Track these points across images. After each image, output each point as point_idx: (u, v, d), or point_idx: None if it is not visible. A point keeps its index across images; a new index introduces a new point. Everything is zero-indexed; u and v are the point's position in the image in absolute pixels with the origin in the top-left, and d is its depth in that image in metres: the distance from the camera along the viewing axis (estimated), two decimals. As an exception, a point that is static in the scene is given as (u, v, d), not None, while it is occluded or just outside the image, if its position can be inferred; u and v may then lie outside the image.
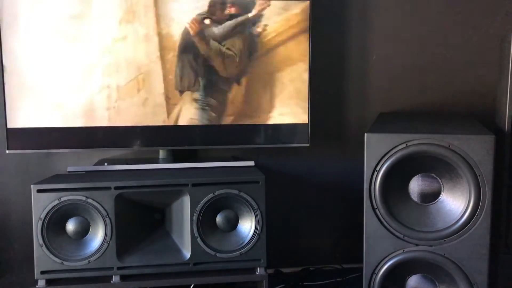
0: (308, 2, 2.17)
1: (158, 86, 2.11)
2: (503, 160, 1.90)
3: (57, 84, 2.05)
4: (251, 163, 2.18)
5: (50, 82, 2.04)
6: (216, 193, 1.85)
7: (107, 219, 1.81)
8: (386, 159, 1.72)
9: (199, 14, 2.11)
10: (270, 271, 2.18)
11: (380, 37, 2.43)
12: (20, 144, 2.06)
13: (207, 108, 2.15)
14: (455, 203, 1.73)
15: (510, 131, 1.90)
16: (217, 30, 2.13)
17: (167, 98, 2.12)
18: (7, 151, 2.06)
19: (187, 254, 1.87)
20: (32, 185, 1.79)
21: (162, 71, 2.11)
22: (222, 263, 1.88)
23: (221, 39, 2.13)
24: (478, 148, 1.66)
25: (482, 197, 1.68)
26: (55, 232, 1.81)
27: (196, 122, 2.15)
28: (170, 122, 2.13)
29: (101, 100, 2.08)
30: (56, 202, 1.79)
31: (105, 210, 1.81)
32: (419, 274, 1.80)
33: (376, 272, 1.78)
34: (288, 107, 2.20)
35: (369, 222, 1.77)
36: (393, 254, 1.76)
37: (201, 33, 2.12)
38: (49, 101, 2.05)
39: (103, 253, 1.82)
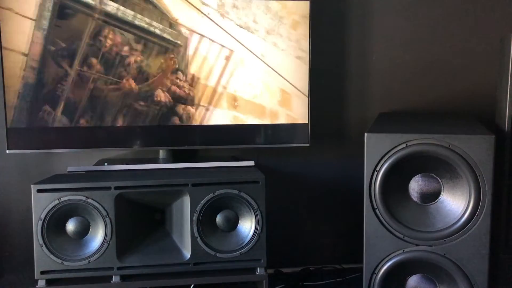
0: (308, 2, 2.17)
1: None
2: (503, 160, 1.90)
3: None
4: (251, 163, 2.18)
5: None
6: (216, 193, 1.85)
7: (107, 219, 1.81)
8: (386, 159, 1.72)
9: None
10: (270, 271, 2.18)
11: (380, 37, 2.43)
12: (20, 144, 2.06)
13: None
14: (455, 203, 1.73)
15: (510, 131, 1.90)
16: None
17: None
18: (7, 151, 2.06)
19: (187, 254, 1.87)
20: (32, 185, 1.79)
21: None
22: (222, 263, 1.88)
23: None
24: (478, 148, 1.66)
25: (482, 197, 1.68)
26: (55, 232, 1.81)
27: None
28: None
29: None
30: (56, 202, 1.79)
31: (105, 210, 1.81)
32: (419, 274, 1.80)
33: (376, 272, 1.78)
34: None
35: (369, 222, 1.77)
36: (393, 254, 1.76)
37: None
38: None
39: (103, 253, 1.82)
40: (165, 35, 2.09)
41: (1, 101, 2.06)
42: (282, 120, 2.20)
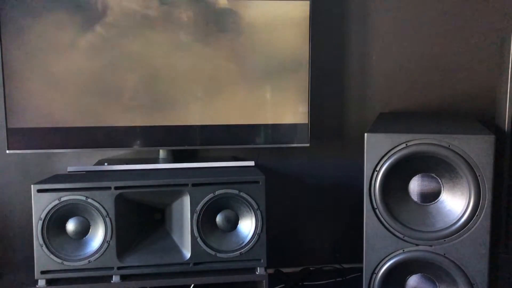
0: (308, 2, 2.17)
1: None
2: (503, 160, 1.90)
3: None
4: (251, 163, 2.18)
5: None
6: (216, 193, 1.85)
7: (107, 219, 1.81)
8: (386, 159, 1.72)
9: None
10: (270, 271, 2.17)
11: (380, 37, 2.43)
12: (20, 144, 2.06)
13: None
14: (455, 203, 1.73)
15: (510, 131, 1.90)
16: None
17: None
18: (7, 151, 2.06)
19: (187, 254, 1.87)
20: (32, 185, 1.79)
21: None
22: (222, 263, 1.88)
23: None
24: (478, 148, 1.66)
25: (482, 197, 1.68)
26: (55, 232, 1.81)
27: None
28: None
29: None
30: (56, 202, 1.79)
31: (105, 210, 1.81)
32: (419, 274, 1.80)
33: (376, 272, 1.78)
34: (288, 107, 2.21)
35: (369, 222, 1.77)
36: (393, 254, 1.76)
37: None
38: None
39: (103, 253, 1.82)
40: None
41: (1, 101, 2.06)
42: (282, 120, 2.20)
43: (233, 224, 1.90)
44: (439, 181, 1.75)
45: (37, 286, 1.81)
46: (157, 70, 2.11)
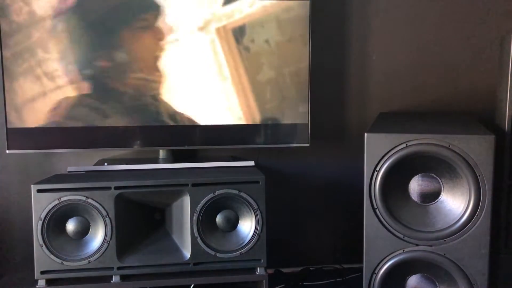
0: (308, 1, 2.17)
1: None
2: (503, 160, 1.90)
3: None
4: (251, 163, 2.18)
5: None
6: (216, 193, 1.85)
7: (107, 219, 1.81)
8: (386, 159, 1.72)
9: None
10: (270, 271, 2.17)
11: (380, 37, 2.43)
12: (20, 144, 2.06)
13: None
14: (455, 203, 1.73)
15: (510, 131, 1.90)
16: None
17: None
18: (7, 151, 2.06)
19: (187, 254, 1.87)
20: (32, 185, 1.79)
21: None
22: (222, 263, 1.88)
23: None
24: (478, 148, 1.66)
25: (482, 197, 1.68)
26: (55, 232, 1.81)
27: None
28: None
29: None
30: (56, 202, 1.79)
31: (105, 210, 1.81)
32: (419, 274, 1.80)
33: (376, 272, 1.78)
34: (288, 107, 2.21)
35: (369, 222, 1.77)
36: (393, 254, 1.76)
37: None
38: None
39: (103, 253, 1.82)
40: None
41: (1, 101, 2.06)
42: (282, 120, 2.21)
43: (233, 224, 1.90)
44: (439, 181, 1.75)
45: (37, 286, 1.81)
46: (157, 70, 2.11)
